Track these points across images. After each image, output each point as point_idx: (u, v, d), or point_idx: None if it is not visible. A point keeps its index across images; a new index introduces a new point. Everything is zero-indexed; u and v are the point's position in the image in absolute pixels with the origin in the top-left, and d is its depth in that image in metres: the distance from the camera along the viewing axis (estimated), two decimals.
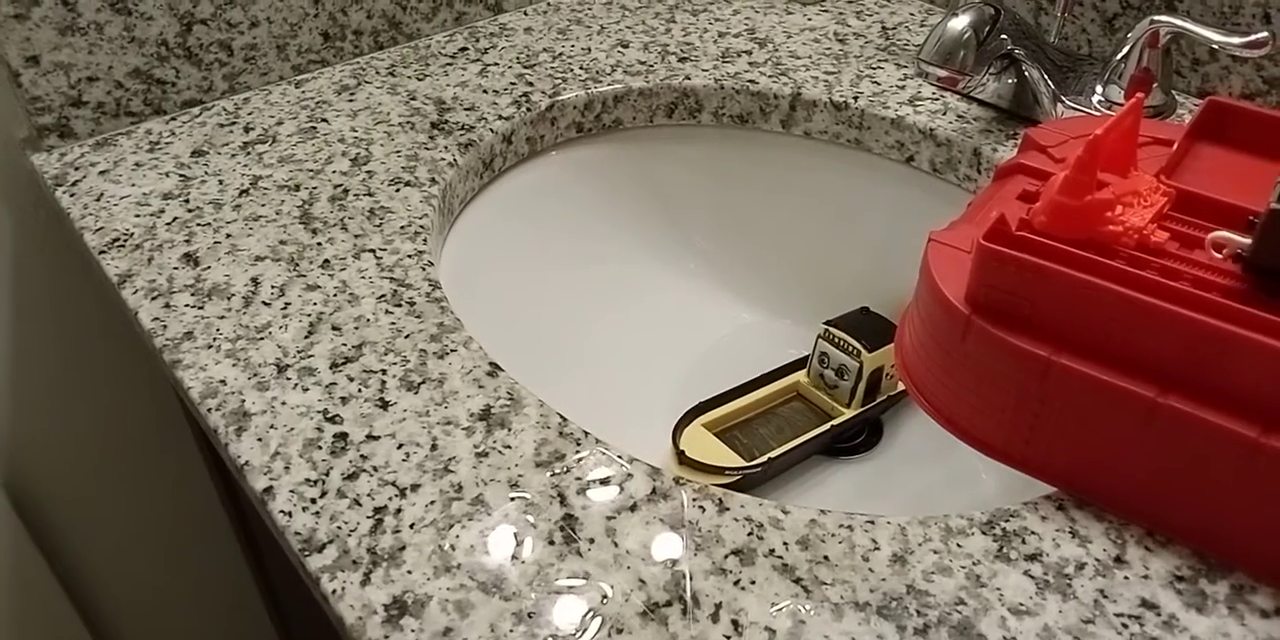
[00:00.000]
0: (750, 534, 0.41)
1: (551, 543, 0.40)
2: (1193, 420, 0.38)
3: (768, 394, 0.64)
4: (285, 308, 0.52)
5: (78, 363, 0.78)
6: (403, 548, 0.40)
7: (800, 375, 0.65)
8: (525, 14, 0.80)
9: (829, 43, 0.75)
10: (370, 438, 0.45)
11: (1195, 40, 0.56)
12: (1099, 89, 0.62)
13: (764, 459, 0.59)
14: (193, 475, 0.89)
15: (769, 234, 0.74)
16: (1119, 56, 0.61)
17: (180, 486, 0.89)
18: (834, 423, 0.62)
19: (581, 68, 0.72)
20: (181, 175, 0.62)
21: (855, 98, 0.68)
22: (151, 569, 0.92)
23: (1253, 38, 0.54)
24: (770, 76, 0.71)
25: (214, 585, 0.97)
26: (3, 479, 0.78)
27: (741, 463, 0.59)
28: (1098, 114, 0.62)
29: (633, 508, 0.42)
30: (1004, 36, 0.62)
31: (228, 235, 0.57)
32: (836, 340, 0.63)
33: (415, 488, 0.42)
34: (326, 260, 0.55)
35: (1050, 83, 0.63)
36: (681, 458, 0.60)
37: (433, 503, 0.42)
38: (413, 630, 0.37)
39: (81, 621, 0.88)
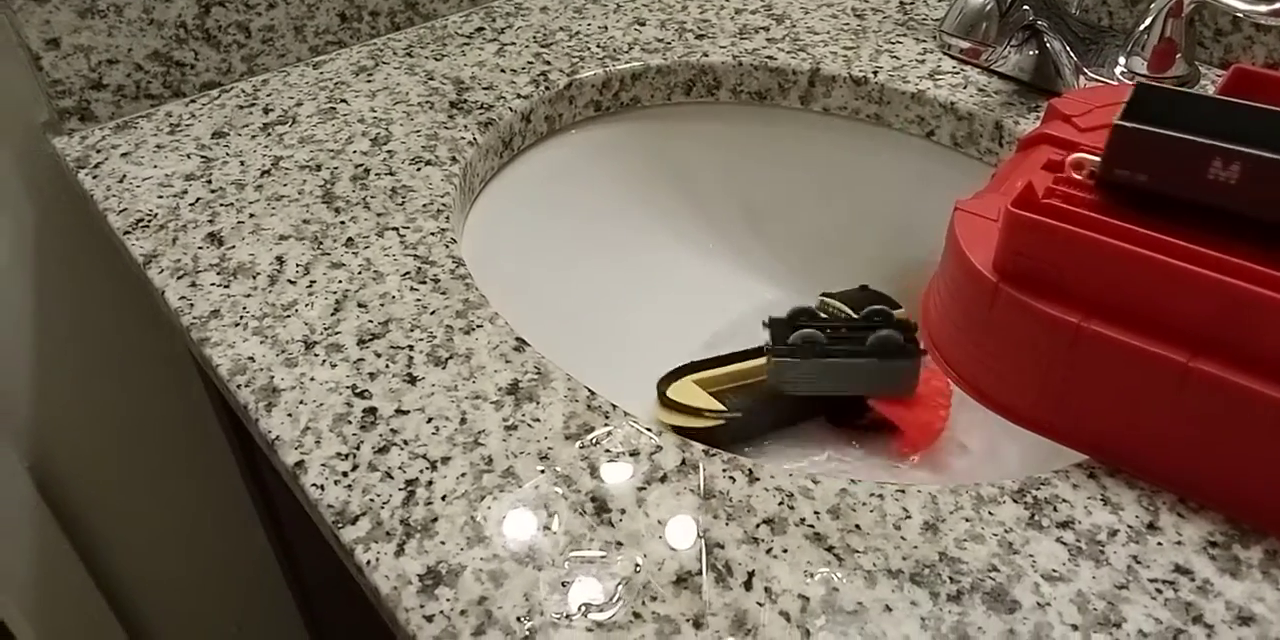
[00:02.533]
0: (781, 503, 0.41)
1: (582, 514, 0.40)
2: (1224, 384, 0.37)
3: (759, 364, 0.65)
4: (310, 286, 0.52)
5: (100, 345, 0.78)
6: (435, 519, 0.40)
7: None
8: None
9: (847, 18, 0.75)
10: (399, 412, 0.45)
11: (1219, 9, 0.56)
12: (1121, 60, 0.62)
13: (745, 405, 0.60)
14: (216, 455, 0.89)
15: (788, 211, 0.74)
16: (1142, 27, 0.61)
17: (204, 466, 0.89)
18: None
19: (599, 46, 0.72)
20: (203, 156, 0.62)
21: (875, 72, 0.68)
22: (175, 548, 0.92)
23: (1279, 5, 0.53)
24: (788, 52, 0.70)
25: (237, 564, 0.98)
26: (28, 461, 0.79)
27: (721, 407, 0.60)
28: (1117, 84, 0.62)
29: (663, 479, 0.42)
30: (1026, 8, 0.62)
31: (251, 215, 0.57)
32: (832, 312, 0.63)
33: (446, 460, 0.43)
34: (350, 239, 0.55)
35: (1072, 54, 0.62)
36: (664, 400, 0.60)
37: (464, 475, 0.42)
38: (448, 599, 0.37)
39: (104, 599, 0.89)
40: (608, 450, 0.43)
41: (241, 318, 0.50)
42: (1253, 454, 0.38)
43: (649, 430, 0.44)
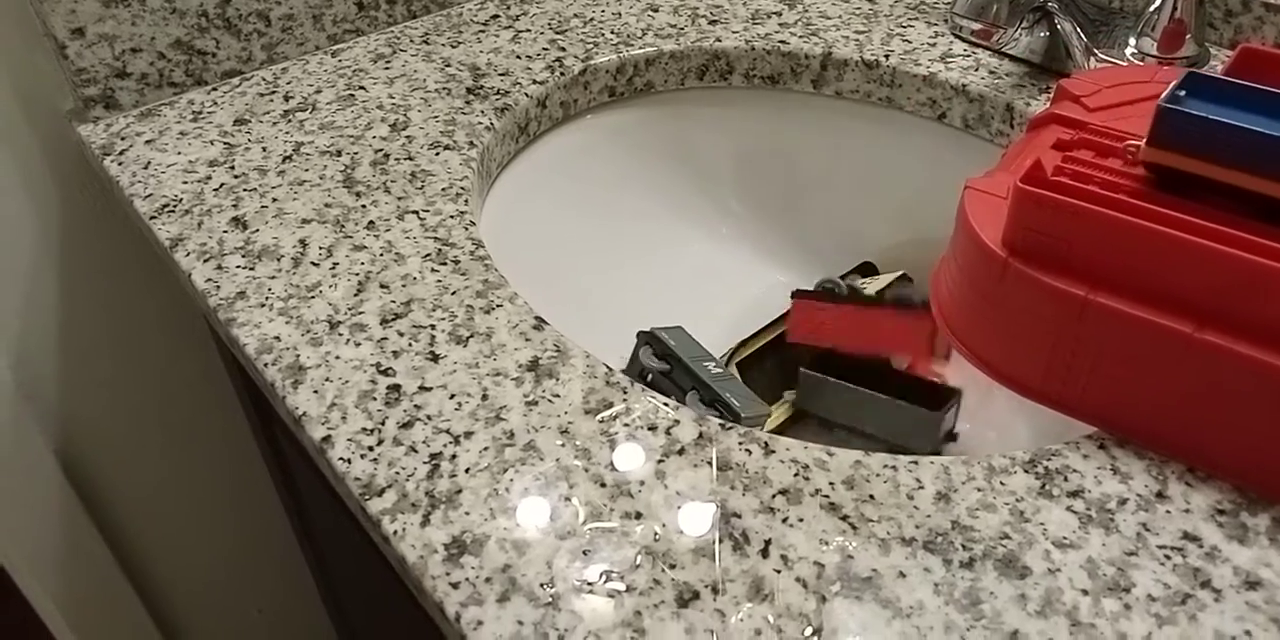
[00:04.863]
0: (796, 475, 0.42)
1: (603, 485, 0.41)
2: (1229, 354, 0.38)
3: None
4: (334, 267, 0.53)
5: (125, 330, 0.79)
6: (459, 491, 0.41)
7: None
8: None
9: (858, 2, 0.75)
10: (423, 389, 0.46)
11: None
12: (1132, 41, 0.63)
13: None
14: (239, 438, 0.90)
15: (801, 194, 0.75)
16: (1152, 8, 0.61)
17: (227, 450, 0.91)
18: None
19: (613, 32, 0.73)
20: (225, 143, 0.63)
21: (886, 56, 0.68)
22: (198, 531, 0.94)
23: None
24: (800, 37, 0.71)
25: (259, 546, 1.00)
26: (55, 444, 0.80)
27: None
28: (1127, 65, 0.62)
29: (680, 452, 0.43)
30: None
31: (274, 199, 0.58)
32: None
33: (469, 435, 0.44)
34: (371, 222, 0.56)
35: (1083, 36, 0.63)
36: None
37: (486, 449, 0.43)
38: (473, 568, 0.38)
39: (129, 581, 0.90)
40: (626, 425, 0.44)
41: (267, 299, 0.51)
42: (1259, 423, 0.39)
43: (666, 405, 0.45)
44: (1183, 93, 0.43)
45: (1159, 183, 0.44)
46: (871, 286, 0.66)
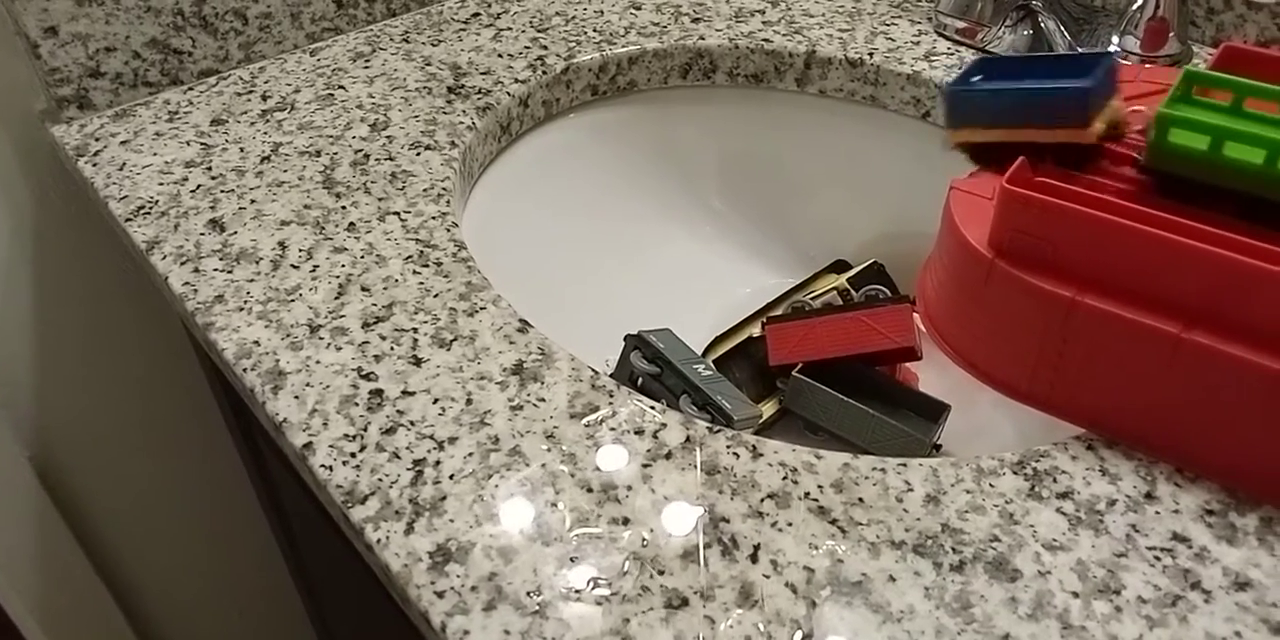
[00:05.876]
0: (785, 478, 0.41)
1: (589, 490, 0.41)
2: (1217, 355, 0.38)
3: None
4: (314, 270, 0.52)
5: (101, 335, 0.78)
6: (444, 498, 0.41)
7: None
8: None
9: (842, 0, 0.75)
10: (405, 393, 0.45)
11: None
12: (1115, 39, 0.63)
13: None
14: (217, 443, 0.90)
15: (785, 193, 0.75)
16: (1135, 6, 0.61)
17: (205, 455, 0.90)
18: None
19: (595, 30, 0.72)
20: (202, 144, 0.62)
21: (870, 54, 0.68)
22: (176, 536, 0.93)
23: None
24: (784, 35, 0.71)
25: (238, 551, 0.99)
26: (30, 451, 0.79)
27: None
28: None
29: (667, 456, 0.42)
30: None
31: (252, 201, 0.57)
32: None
33: (453, 440, 0.43)
34: (352, 223, 0.55)
35: (1066, 34, 0.63)
36: None
37: (471, 454, 0.42)
38: (458, 576, 0.38)
39: (107, 589, 0.89)
40: (612, 429, 0.44)
41: (245, 302, 0.51)
42: (1246, 423, 0.39)
43: (653, 408, 0.45)
44: (977, 78, 0.47)
45: (974, 158, 0.48)
46: (843, 277, 0.66)
